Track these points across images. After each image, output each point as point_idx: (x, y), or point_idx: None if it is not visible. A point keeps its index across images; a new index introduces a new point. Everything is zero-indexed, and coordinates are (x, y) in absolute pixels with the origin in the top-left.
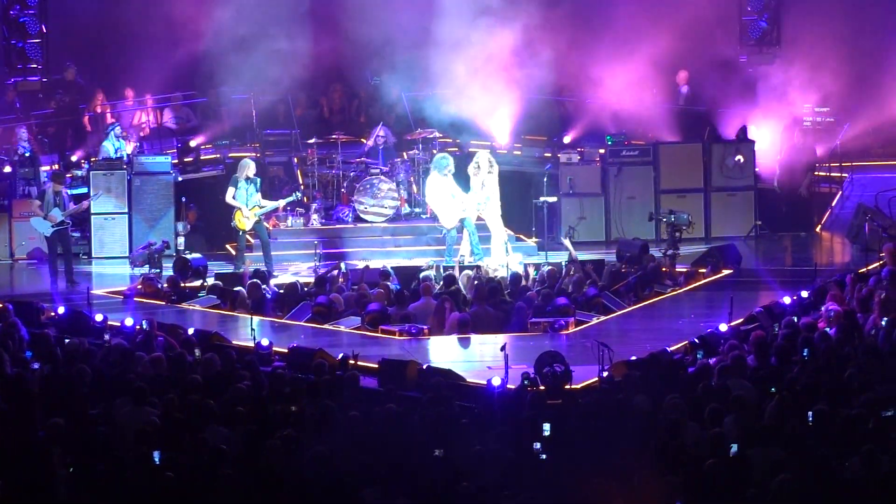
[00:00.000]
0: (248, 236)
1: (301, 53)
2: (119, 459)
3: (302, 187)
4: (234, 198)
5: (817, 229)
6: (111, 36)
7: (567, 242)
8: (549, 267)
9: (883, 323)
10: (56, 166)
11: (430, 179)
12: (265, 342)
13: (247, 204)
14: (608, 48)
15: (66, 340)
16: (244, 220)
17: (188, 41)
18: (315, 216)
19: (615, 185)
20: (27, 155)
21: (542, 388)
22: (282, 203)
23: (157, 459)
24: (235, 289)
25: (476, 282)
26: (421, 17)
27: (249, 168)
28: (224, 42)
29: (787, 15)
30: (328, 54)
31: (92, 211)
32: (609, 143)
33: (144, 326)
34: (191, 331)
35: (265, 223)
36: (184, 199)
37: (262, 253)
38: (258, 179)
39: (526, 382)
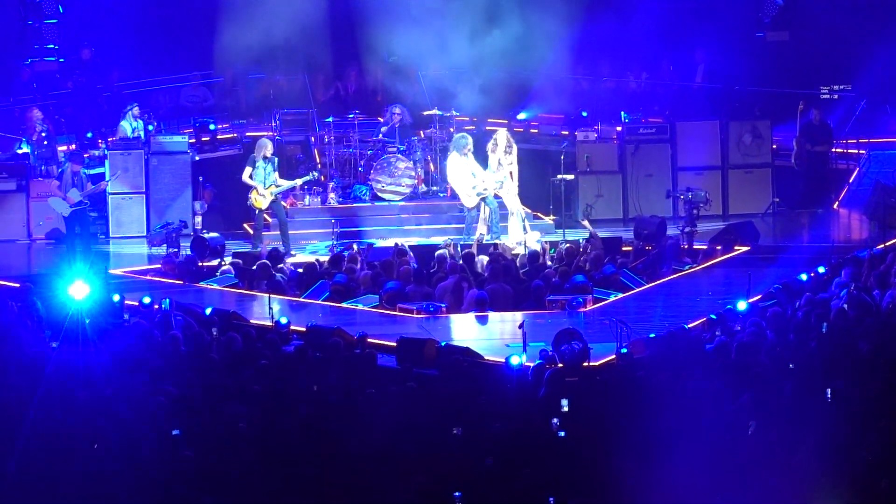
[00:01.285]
0: (265, 215)
1: (318, 32)
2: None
3: (319, 166)
4: (250, 177)
5: (835, 206)
6: (128, 16)
7: (586, 223)
8: (567, 244)
9: None
10: (73, 147)
11: (450, 159)
12: (283, 321)
13: (264, 183)
14: (623, 26)
15: (86, 321)
16: (260, 199)
17: (205, 20)
18: (332, 195)
19: (632, 162)
20: (44, 135)
21: (560, 365)
22: (298, 182)
23: (175, 438)
24: (253, 267)
25: (494, 260)
26: None
27: (267, 147)
28: (241, 20)
29: None
30: (345, 33)
31: (109, 191)
32: (626, 120)
33: (163, 305)
34: (209, 310)
35: (283, 202)
36: (201, 179)
37: (279, 232)
38: (276, 159)
39: (544, 360)
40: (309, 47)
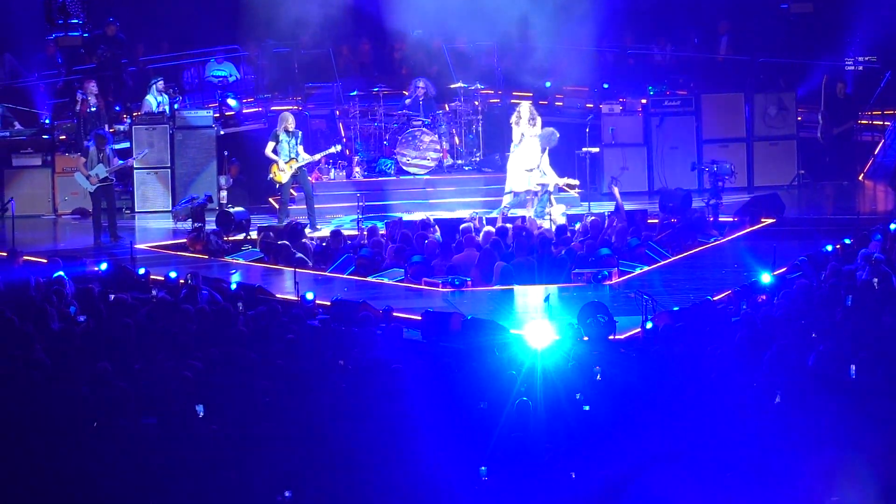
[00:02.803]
0: (291, 190)
1: (342, 5)
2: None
3: (344, 140)
4: (273, 151)
5: (860, 177)
6: None
7: (615, 190)
8: (592, 217)
9: None
10: (107, 126)
11: (529, 143)
12: (309, 296)
13: (287, 157)
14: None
15: (111, 296)
16: (280, 174)
17: None
18: (357, 169)
19: (657, 135)
20: (92, 111)
21: (585, 338)
22: (319, 156)
23: (200, 412)
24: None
25: (523, 233)
26: None
27: (289, 121)
28: None
29: None
30: (370, 6)
31: (135, 166)
32: (651, 93)
33: (189, 280)
34: (234, 283)
35: (309, 177)
36: (226, 153)
37: (305, 206)
38: (299, 133)
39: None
40: (333, 21)
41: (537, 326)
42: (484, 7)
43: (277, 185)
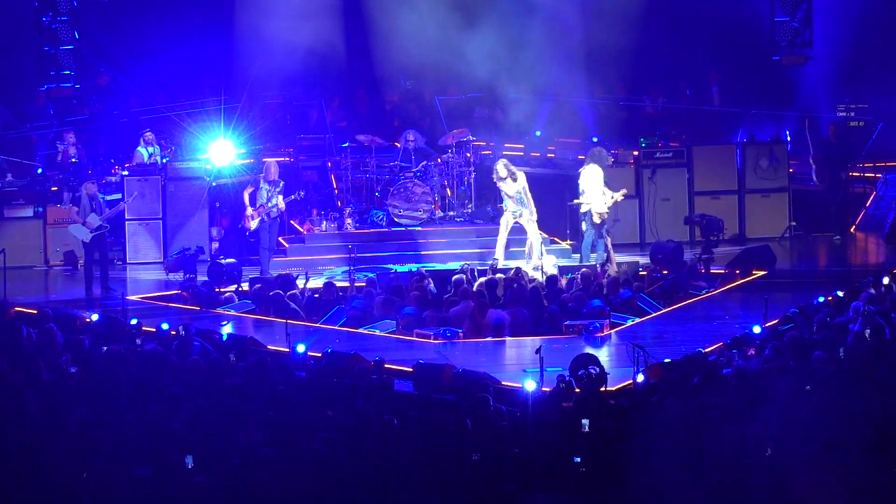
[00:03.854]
0: (282, 240)
1: (335, 58)
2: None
3: (336, 191)
4: (248, 195)
5: (852, 230)
6: (144, 42)
7: (608, 241)
8: (584, 269)
9: None
10: (89, 171)
11: (589, 169)
12: (301, 347)
13: (265, 205)
14: (640, 50)
15: (103, 347)
16: (249, 220)
17: (221, 46)
18: (349, 220)
19: (649, 186)
20: (73, 161)
21: (577, 390)
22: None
23: (189, 463)
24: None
25: (514, 285)
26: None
27: (272, 170)
28: (257, 46)
29: (820, 15)
30: (361, 59)
31: (126, 216)
32: (643, 144)
33: (180, 331)
34: (226, 335)
35: (300, 227)
36: (217, 205)
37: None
38: (281, 182)
39: (561, 385)
40: (325, 73)
41: (529, 378)
42: (475, 58)
43: (248, 233)
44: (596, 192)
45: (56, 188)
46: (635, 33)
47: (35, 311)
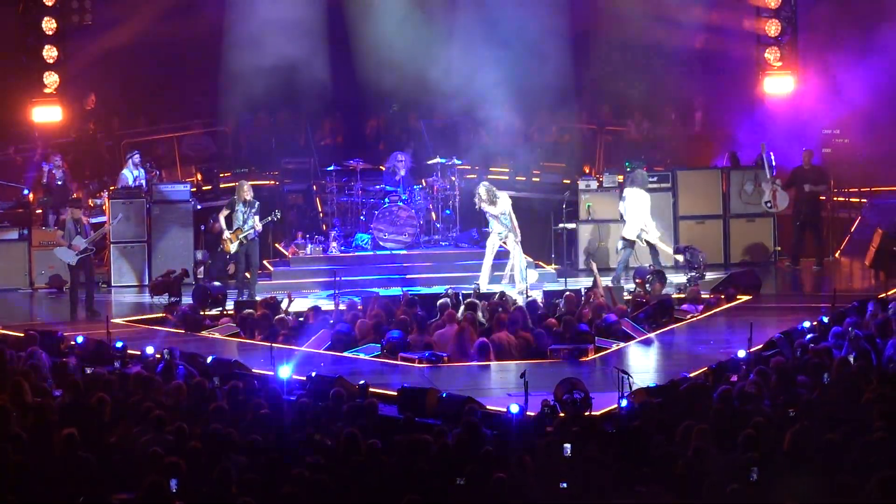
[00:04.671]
0: (267, 263)
1: (320, 81)
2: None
3: (321, 215)
4: (224, 218)
5: (836, 255)
6: (130, 64)
7: (593, 265)
8: (568, 293)
9: None
10: (75, 195)
11: (632, 192)
12: (285, 371)
13: (242, 227)
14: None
15: (87, 370)
16: (227, 243)
17: (207, 68)
18: (334, 244)
19: None
20: (59, 183)
21: (561, 415)
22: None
23: (174, 487)
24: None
25: (499, 309)
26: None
27: (245, 190)
28: (242, 69)
29: (804, 40)
30: (348, 82)
31: (111, 239)
32: (628, 169)
33: (165, 355)
34: (210, 359)
35: (285, 251)
36: (203, 228)
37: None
38: (257, 203)
39: (546, 410)
40: (311, 96)
41: (513, 401)
42: (460, 82)
43: (228, 256)
44: (638, 218)
45: (41, 211)
46: (620, 59)
47: (20, 334)
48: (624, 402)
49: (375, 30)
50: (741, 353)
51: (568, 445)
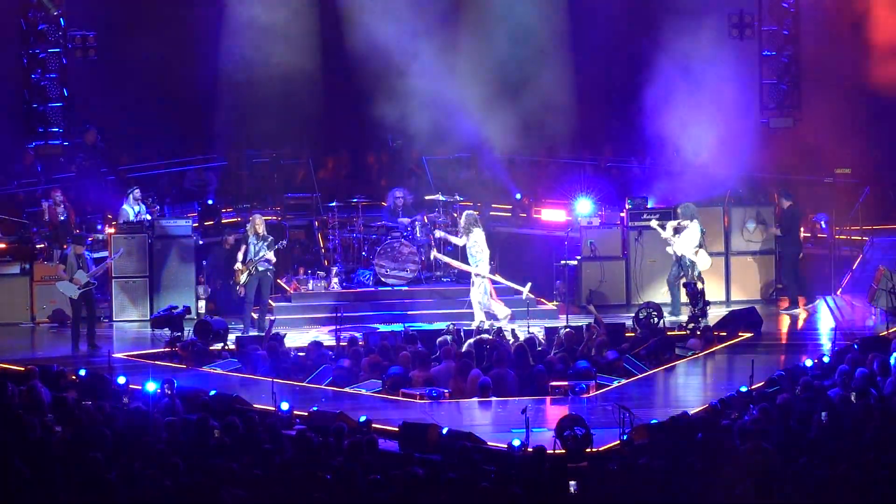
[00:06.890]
0: (270, 301)
1: (322, 117)
2: None
3: (323, 251)
4: (243, 253)
5: (838, 292)
6: (132, 99)
7: (592, 308)
8: (568, 330)
9: None
10: (77, 230)
11: (693, 229)
12: (285, 406)
13: (253, 259)
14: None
15: (88, 404)
16: (238, 274)
17: (208, 104)
18: (336, 280)
19: (636, 248)
20: (62, 219)
21: (563, 451)
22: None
23: None
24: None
25: (500, 345)
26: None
27: (258, 223)
28: (244, 105)
29: (807, 79)
30: (349, 119)
31: (113, 274)
32: (629, 206)
33: (166, 390)
34: (212, 393)
35: (287, 286)
36: (205, 263)
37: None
38: (270, 237)
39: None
40: (313, 132)
41: (514, 437)
42: (462, 119)
43: (237, 287)
44: (689, 248)
45: (43, 245)
46: (621, 94)
47: (21, 369)
48: (625, 438)
49: (378, 64)
50: (743, 390)
51: (573, 483)
